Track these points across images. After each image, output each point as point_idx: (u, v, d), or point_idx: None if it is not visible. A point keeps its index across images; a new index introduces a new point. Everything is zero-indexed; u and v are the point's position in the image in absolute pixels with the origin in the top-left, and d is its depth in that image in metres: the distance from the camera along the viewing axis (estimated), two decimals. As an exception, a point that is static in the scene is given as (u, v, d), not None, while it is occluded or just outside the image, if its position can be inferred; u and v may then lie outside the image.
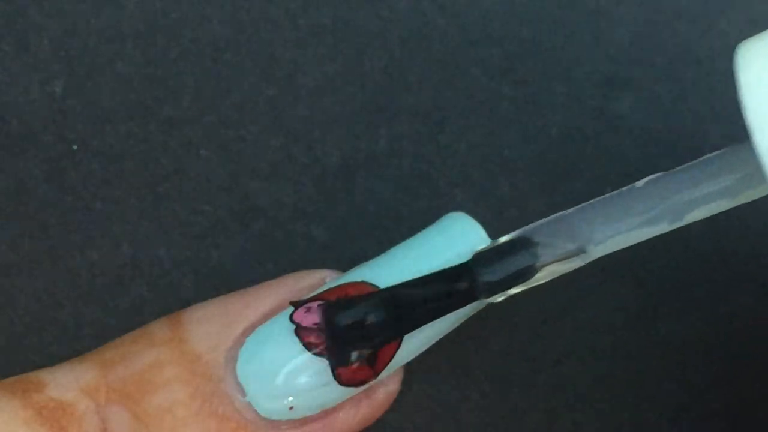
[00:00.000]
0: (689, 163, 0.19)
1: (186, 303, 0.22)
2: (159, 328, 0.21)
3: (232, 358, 0.20)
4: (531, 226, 0.19)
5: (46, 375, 0.20)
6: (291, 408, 0.20)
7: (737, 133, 0.25)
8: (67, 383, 0.20)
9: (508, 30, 0.25)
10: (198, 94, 0.25)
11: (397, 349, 0.21)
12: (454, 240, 0.21)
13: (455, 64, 0.25)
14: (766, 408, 0.24)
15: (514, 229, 0.20)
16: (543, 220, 0.20)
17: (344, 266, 0.22)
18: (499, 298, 0.20)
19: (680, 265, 0.24)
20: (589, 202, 0.19)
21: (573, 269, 0.19)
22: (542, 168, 0.25)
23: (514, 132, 0.25)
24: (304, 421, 0.20)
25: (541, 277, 0.19)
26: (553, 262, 0.19)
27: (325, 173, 0.25)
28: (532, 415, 0.24)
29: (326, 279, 0.21)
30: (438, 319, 0.20)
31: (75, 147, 0.24)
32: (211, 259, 0.24)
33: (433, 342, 0.21)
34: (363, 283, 0.21)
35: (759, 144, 0.16)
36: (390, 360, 0.21)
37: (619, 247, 0.19)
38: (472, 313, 0.22)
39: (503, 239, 0.20)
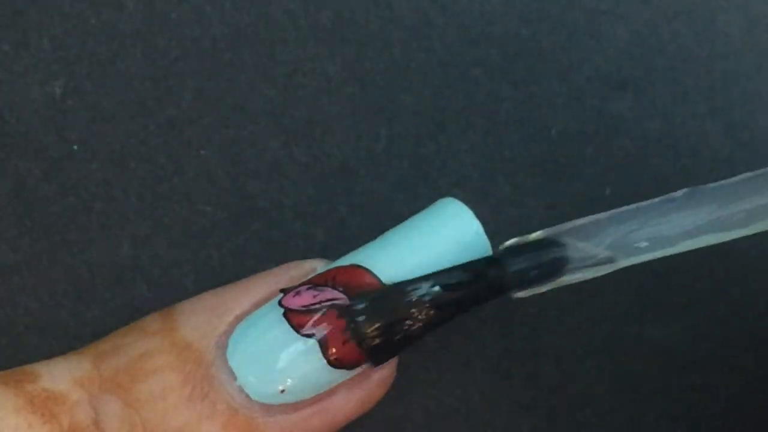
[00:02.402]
0: (745, 175, 0.18)
1: (186, 303, 0.22)
2: (151, 321, 0.21)
3: (222, 344, 0.20)
4: (562, 227, 0.19)
5: (40, 367, 0.21)
6: (282, 391, 0.20)
7: (737, 132, 0.25)
8: (60, 375, 0.20)
9: (508, 30, 0.25)
10: (198, 94, 0.25)
11: None
12: (444, 224, 0.21)
13: (455, 64, 0.25)
14: (764, 408, 0.24)
15: (514, 230, 0.20)
16: (576, 223, 0.19)
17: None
18: (524, 294, 0.20)
19: (680, 265, 0.24)
20: (625, 209, 0.19)
21: (598, 275, 0.19)
22: (542, 168, 0.25)
23: (514, 132, 0.25)
24: (298, 405, 0.20)
25: (567, 280, 0.19)
26: (581, 267, 0.19)
27: (325, 173, 0.25)
28: (532, 414, 0.24)
29: (317, 268, 0.21)
30: None
31: (75, 147, 0.24)
32: (211, 259, 0.24)
33: None
34: (353, 266, 0.21)
35: None
36: None
37: (647, 259, 0.18)
38: None
39: (533, 236, 0.20)
